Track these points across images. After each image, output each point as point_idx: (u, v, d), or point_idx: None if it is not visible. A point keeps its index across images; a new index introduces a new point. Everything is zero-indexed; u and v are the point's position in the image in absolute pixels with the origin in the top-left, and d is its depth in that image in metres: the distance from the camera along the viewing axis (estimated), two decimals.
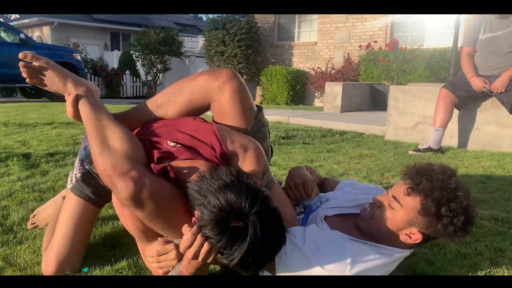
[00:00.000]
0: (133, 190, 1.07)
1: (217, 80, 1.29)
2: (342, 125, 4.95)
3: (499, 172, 2.80)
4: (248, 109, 1.33)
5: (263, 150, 1.29)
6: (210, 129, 1.28)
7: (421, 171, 1.17)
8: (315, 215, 1.37)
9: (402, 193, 1.18)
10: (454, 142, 3.84)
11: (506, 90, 3.30)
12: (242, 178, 1.06)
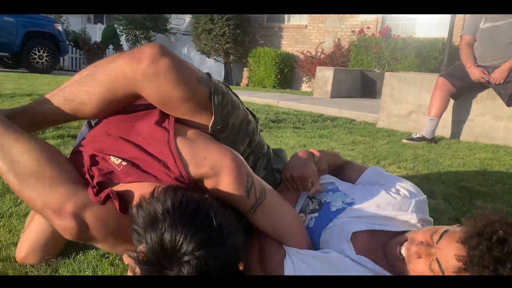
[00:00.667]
0: (75, 231, 0.92)
1: (140, 63, 1.00)
2: (333, 111, 4.85)
3: (495, 165, 2.75)
4: (194, 86, 1.05)
5: (242, 161, 1.05)
6: (165, 141, 1.03)
7: (489, 252, 0.89)
8: (339, 226, 1.14)
9: (450, 261, 0.94)
10: (447, 132, 3.79)
11: (504, 82, 3.24)
12: (189, 205, 0.83)
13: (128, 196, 0.98)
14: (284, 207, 1.14)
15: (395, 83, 4.11)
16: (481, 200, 1.98)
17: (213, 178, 1.00)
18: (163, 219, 0.80)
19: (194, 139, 1.05)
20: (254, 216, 1.07)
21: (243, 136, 1.20)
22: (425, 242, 1.02)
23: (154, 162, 1.02)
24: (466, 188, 2.15)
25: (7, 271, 1.17)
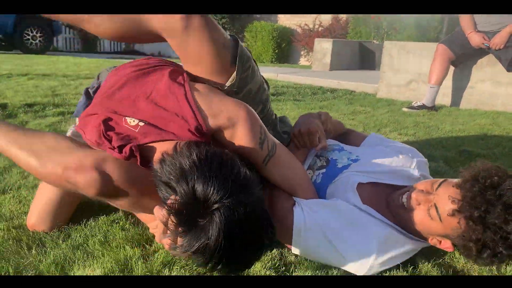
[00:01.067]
0: (99, 182, 0.92)
1: (173, 16, 1.01)
2: (332, 83, 4.83)
3: (495, 130, 2.78)
4: (218, 51, 1.06)
5: (255, 113, 1.08)
6: (182, 95, 1.04)
7: (481, 194, 0.94)
8: (345, 178, 1.19)
9: (446, 205, 1.00)
10: (447, 100, 3.79)
11: (505, 47, 3.23)
12: (214, 158, 0.85)
13: (148, 153, 0.99)
14: (292, 161, 1.18)
15: (394, 53, 4.09)
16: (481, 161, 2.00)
17: (229, 129, 1.02)
18: (192, 172, 0.82)
19: (209, 93, 1.06)
20: (266, 168, 1.10)
21: (257, 102, 1.21)
22: (425, 191, 1.07)
23: (171, 117, 1.03)
24: (466, 151, 2.18)
25: (22, 237, 1.20)
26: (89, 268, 1.06)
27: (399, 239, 1.09)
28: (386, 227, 1.10)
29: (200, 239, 0.79)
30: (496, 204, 0.92)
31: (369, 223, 1.09)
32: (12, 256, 1.11)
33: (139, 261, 1.08)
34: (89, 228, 1.27)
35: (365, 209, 1.11)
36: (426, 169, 1.34)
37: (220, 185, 0.79)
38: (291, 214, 1.08)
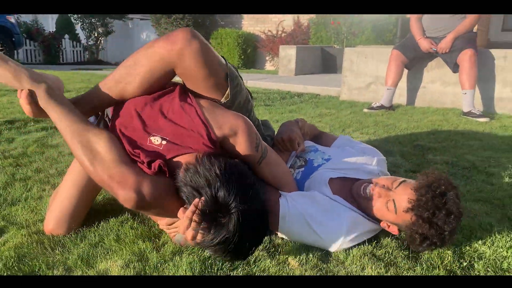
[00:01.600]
0: (135, 200, 1.09)
1: (174, 45, 1.19)
2: (298, 87, 5.13)
3: (445, 125, 3.14)
4: (216, 68, 1.27)
5: (251, 123, 1.28)
6: (194, 113, 1.24)
7: (432, 200, 1.18)
8: (319, 175, 1.45)
9: (402, 203, 1.24)
10: (403, 100, 4.16)
11: (450, 51, 3.62)
12: (232, 170, 1.08)
13: (173, 166, 1.19)
14: (279, 161, 1.42)
15: (354, 58, 4.43)
16: (432, 154, 2.32)
17: (232, 137, 1.24)
18: (215, 180, 1.05)
19: (213, 108, 1.27)
20: (260, 168, 1.34)
21: (245, 111, 1.43)
22: (386, 186, 1.33)
23: (188, 132, 1.22)
24: (420, 146, 2.50)
25: (43, 240, 1.37)
26: (111, 260, 1.26)
27: (362, 222, 1.35)
28: (352, 212, 1.35)
29: (221, 234, 1.02)
30: (442, 209, 1.19)
31: (339, 209, 1.35)
32: (39, 256, 1.29)
33: (153, 251, 1.29)
34: (102, 229, 1.45)
35: (335, 198, 1.37)
36: (384, 166, 1.62)
37: (238, 192, 1.03)
38: (278, 205, 1.32)
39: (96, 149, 1.17)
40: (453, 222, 1.18)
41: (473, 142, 2.59)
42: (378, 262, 1.23)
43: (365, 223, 1.35)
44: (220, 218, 1.03)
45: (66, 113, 1.22)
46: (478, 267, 1.22)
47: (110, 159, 1.14)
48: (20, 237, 1.39)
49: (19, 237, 1.39)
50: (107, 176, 1.12)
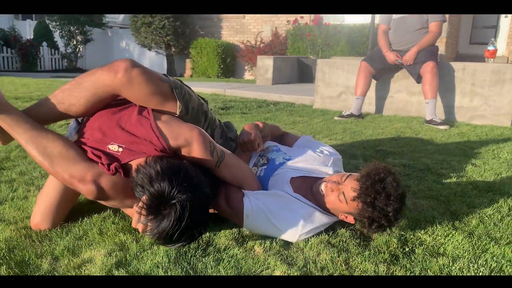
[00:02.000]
0: (95, 192, 1.30)
1: (117, 73, 1.34)
2: (275, 96, 5.34)
3: (408, 132, 3.38)
4: (158, 85, 1.41)
5: (205, 133, 1.44)
6: (148, 125, 1.39)
7: (372, 186, 1.35)
8: (282, 174, 1.61)
9: (349, 193, 1.41)
10: (372, 108, 4.41)
11: (414, 63, 3.88)
12: (173, 167, 1.23)
13: (128, 168, 1.37)
14: (238, 163, 1.57)
15: (326, 69, 4.67)
16: (392, 158, 2.54)
17: (187, 147, 1.39)
18: (157, 177, 1.21)
19: (169, 121, 1.43)
20: (219, 171, 1.50)
21: (201, 114, 1.61)
22: (337, 182, 1.50)
23: (142, 141, 1.38)
24: (382, 150, 2.71)
25: (31, 234, 1.50)
26: (95, 250, 1.39)
27: (319, 216, 1.51)
28: (310, 208, 1.52)
29: (163, 224, 1.18)
30: (381, 193, 1.36)
31: (298, 206, 1.51)
32: (28, 247, 1.42)
33: (133, 242, 1.44)
34: (86, 224, 1.59)
35: (295, 196, 1.54)
36: (340, 164, 1.81)
37: (176, 186, 1.18)
38: (242, 204, 1.47)
39: (53, 153, 1.32)
40: (394, 203, 1.34)
41: (430, 147, 2.83)
42: (332, 249, 1.41)
43: (321, 217, 1.52)
44: (162, 210, 1.18)
45: (15, 122, 1.36)
46: (418, 251, 1.42)
47: (67, 160, 1.31)
48: (9, 231, 1.52)
49: (8, 231, 1.52)
50: (68, 175, 1.30)
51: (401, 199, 1.38)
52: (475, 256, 1.39)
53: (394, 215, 1.37)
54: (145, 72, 1.38)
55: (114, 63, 1.38)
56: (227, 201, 1.50)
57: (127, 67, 1.35)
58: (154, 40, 11.19)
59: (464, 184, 2.08)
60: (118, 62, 1.36)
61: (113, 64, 1.37)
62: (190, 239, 1.24)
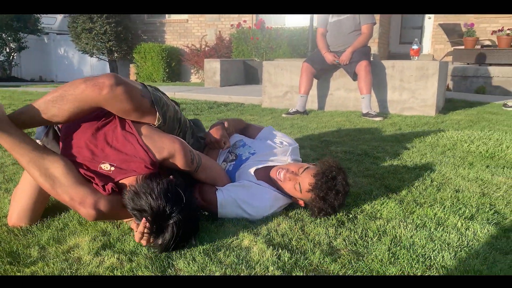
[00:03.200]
0: (94, 215, 1.39)
1: (102, 90, 1.38)
2: (224, 98, 5.56)
3: (347, 124, 3.75)
4: (139, 101, 1.48)
5: (185, 144, 1.54)
6: (135, 141, 1.47)
7: (325, 183, 1.59)
8: (247, 166, 1.83)
9: (305, 186, 1.64)
10: (315, 105, 4.78)
11: (350, 62, 4.28)
12: (167, 186, 1.34)
13: (122, 186, 1.46)
14: (212, 163, 1.75)
15: (272, 70, 4.97)
16: (334, 146, 2.86)
17: (171, 158, 1.52)
18: (153, 200, 1.32)
19: (151, 135, 1.52)
20: (197, 174, 1.66)
21: (177, 121, 1.74)
22: (294, 172, 1.75)
23: (132, 158, 1.47)
24: (326, 140, 3.03)
25: (13, 230, 1.61)
26: (79, 237, 1.54)
27: (281, 198, 1.76)
28: (272, 191, 1.77)
29: (166, 238, 1.34)
30: (332, 190, 1.61)
31: (263, 191, 1.75)
32: (14, 240, 1.53)
33: (114, 228, 1.60)
34: (65, 218, 1.71)
35: (259, 183, 1.77)
36: (297, 153, 2.06)
37: (171, 206, 1.33)
38: (215, 196, 1.68)
39: (54, 174, 1.41)
40: (341, 198, 1.64)
41: (367, 136, 3.20)
42: (290, 219, 1.67)
43: (283, 199, 1.77)
44: (163, 227, 1.33)
45: (17, 143, 1.41)
46: (360, 217, 1.71)
47: (68, 183, 1.40)
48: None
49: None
50: (68, 198, 1.40)
51: (346, 194, 1.67)
52: (405, 217, 1.71)
53: (339, 207, 1.67)
54: (129, 90, 1.44)
55: (99, 79, 1.42)
56: (202, 196, 1.70)
57: (111, 84, 1.40)
58: (96, 46, 10.97)
59: (396, 164, 2.43)
60: (103, 79, 1.41)
61: (98, 81, 1.41)
62: (185, 244, 1.42)
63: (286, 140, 2.07)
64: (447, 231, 1.57)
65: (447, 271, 1.33)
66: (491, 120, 3.99)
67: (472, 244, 1.49)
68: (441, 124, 3.78)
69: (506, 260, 1.38)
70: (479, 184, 2.08)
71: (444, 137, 3.07)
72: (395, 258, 1.40)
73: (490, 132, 3.17)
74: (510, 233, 1.57)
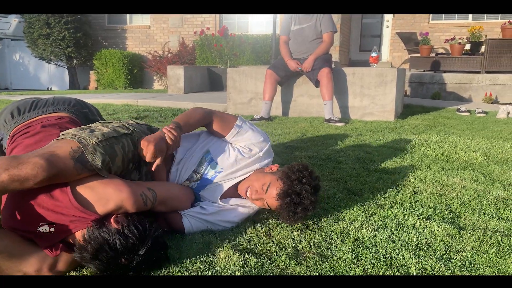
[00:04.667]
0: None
1: (27, 182, 1.25)
2: (189, 105, 5.52)
3: (311, 130, 3.82)
4: (77, 173, 1.36)
5: (134, 191, 1.39)
6: (68, 202, 1.33)
7: (291, 204, 1.58)
8: (213, 188, 1.75)
9: (272, 204, 1.65)
10: (279, 111, 4.84)
11: (312, 69, 4.38)
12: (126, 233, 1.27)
13: (71, 239, 1.37)
14: (168, 192, 1.61)
15: (236, 77, 4.99)
16: (298, 151, 2.91)
17: (120, 209, 1.39)
18: (107, 248, 1.25)
19: (94, 186, 1.37)
20: (155, 208, 1.54)
21: (129, 164, 1.56)
22: (258, 191, 1.71)
23: (71, 218, 1.34)
24: (290, 146, 3.08)
25: None
26: None
27: (245, 212, 1.75)
28: (238, 210, 1.74)
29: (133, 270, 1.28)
30: (299, 206, 1.59)
31: (229, 213, 1.72)
32: None
33: None
34: None
35: (223, 206, 1.73)
36: (270, 151, 1.93)
37: (131, 252, 1.27)
38: (181, 223, 1.65)
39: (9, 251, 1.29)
40: (307, 212, 1.62)
41: (330, 141, 3.27)
42: (256, 224, 1.68)
43: (247, 211, 1.76)
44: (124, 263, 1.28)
45: None
46: (324, 220, 1.75)
47: (16, 259, 1.30)
48: None
49: None
50: (22, 273, 1.31)
51: (312, 207, 1.64)
52: (366, 218, 1.77)
53: (303, 218, 1.66)
54: (55, 174, 1.29)
55: (21, 169, 1.23)
56: (168, 223, 1.66)
57: (35, 175, 1.25)
58: (54, 53, 10.61)
59: (358, 168, 2.51)
60: (26, 169, 1.24)
61: (20, 175, 1.23)
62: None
63: (256, 144, 1.85)
64: (407, 231, 1.64)
65: (407, 269, 1.38)
66: (446, 124, 4.19)
67: (429, 243, 1.56)
68: (400, 128, 3.93)
69: (460, 257, 1.46)
70: (436, 186, 2.18)
71: (403, 141, 3.20)
72: (358, 259, 1.44)
73: (445, 136, 3.33)
74: (464, 231, 1.66)
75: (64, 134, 1.47)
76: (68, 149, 1.36)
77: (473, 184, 2.21)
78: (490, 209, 1.89)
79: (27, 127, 1.64)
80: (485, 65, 7.16)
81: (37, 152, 1.31)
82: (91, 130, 1.49)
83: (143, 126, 1.72)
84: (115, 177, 1.44)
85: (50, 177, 1.27)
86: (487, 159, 2.74)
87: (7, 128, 1.69)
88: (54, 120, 1.70)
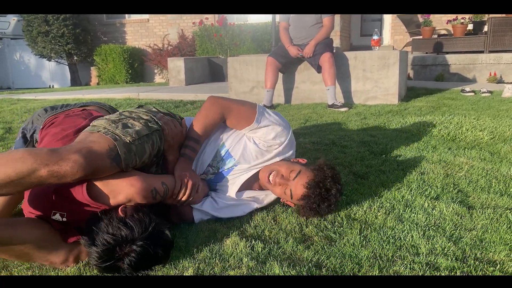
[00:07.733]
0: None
1: (65, 178, 1.25)
2: (190, 96, 5.49)
3: (314, 116, 3.79)
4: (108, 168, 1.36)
5: (145, 185, 1.40)
6: (80, 194, 1.35)
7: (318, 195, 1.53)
8: (230, 181, 1.72)
9: (297, 194, 1.58)
10: (282, 99, 4.80)
11: (313, 55, 4.33)
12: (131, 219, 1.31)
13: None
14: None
15: (237, 66, 4.95)
16: (302, 138, 2.89)
17: (130, 202, 1.41)
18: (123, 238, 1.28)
19: (108, 180, 1.38)
20: (167, 200, 1.54)
21: (152, 159, 1.55)
22: (285, 176, 1.65)
23: (84, 208, 1.38)
24: (294, 133, 3.02)
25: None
26: None
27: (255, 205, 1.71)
28: (251, 205, 1.70)
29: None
30: (325, 202, 1.53)
31: (240, 208, 1.69)
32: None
33: None
34: None
35: (238, 201, 1.69)
36: (292, 142, 1.82)
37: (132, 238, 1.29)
38: (192, 217, 1.64)
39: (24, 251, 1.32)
40: (329, 210, 1.58)
41: (334, 126, 3.24)
42: (262, 211, 1.66)
43: (258, 205, 1.72)
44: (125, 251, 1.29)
45: None
46: None
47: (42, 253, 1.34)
48: None
49: None
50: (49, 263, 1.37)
51: (336, 206, 1.60)
52: (374, 200, 1.75)
53: (325, 214, 1.61)
54: (96, 170, 1.32)
55: (61, 166, 1.24)
56: (179, 216, 1.66)
57: (74, 170, 1.26)
58: (54, 50, 10.57)
59: (363, 151, 2.48)
60: (65, 165, 1.24)
61: (60, 172, 1.24)
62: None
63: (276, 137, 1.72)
64: (415, 212, 1.62)
65: (416, 250, 1.36)
66: (450, 105, 4.14)
67: (439, 223, 1.54)
68: (404, 111, 3.89)
69: (471, 235, 1.44)
70: (443, 166, 2.16)
71: (408, 123, 3.16)
72: (367, 241, 1.42)
73: (451, 116, 3.28)
74: (473, 210, 1.63)
75: (95, 126, 1.46)
76: (105, 147, 1.36)
77: (480, 163, 2.18)
78: (499, 187, 1.86)
79: (54, 118, 1.70)
80: (488, 44, 7.06)
81: (76, 147, 1.31)
82: (123, 124, 1.47)
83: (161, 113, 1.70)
84: (132, 171, 1.45)
85: (87, 175, 1.29)
86: (494, 138, 2.70)
87: (40, 121, 1.73)
88: (78, 111, 1.75)
